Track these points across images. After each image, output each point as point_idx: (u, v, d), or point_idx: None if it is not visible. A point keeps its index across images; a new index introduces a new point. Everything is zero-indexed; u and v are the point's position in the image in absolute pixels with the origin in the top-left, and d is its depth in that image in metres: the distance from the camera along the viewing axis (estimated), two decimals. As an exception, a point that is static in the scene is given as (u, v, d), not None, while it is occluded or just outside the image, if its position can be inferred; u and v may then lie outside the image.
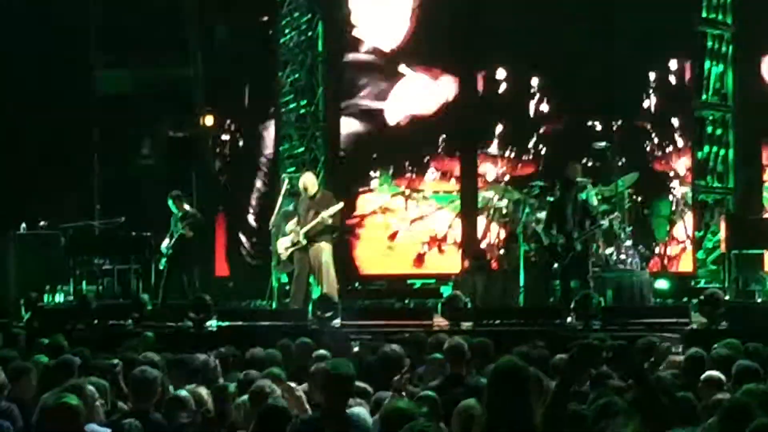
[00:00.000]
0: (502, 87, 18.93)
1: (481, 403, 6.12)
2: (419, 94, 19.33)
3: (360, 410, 7.33)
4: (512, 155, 18.91)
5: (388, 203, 19.37)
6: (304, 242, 15.65)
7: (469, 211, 18.96)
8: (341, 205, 15.78)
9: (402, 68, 19.34)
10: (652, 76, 18.39)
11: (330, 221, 15.54)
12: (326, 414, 7.05)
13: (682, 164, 18.43)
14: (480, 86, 19.06)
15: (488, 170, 19.03)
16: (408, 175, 19.33)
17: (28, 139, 19.28)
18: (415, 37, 19.29)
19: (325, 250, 15.71)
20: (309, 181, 15.97)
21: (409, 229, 19.24)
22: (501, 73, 18.91)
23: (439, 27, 19.14)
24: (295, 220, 15.90)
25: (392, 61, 19.39)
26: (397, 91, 19.43)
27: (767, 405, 6.64)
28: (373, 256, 19.29)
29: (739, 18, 18.02)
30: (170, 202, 16.77)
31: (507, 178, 18.76)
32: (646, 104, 18.48)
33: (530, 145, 18.82)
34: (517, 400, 5.70)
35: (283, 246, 15.97)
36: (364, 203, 19.47)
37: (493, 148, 18.90)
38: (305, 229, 15.59)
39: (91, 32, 19.92)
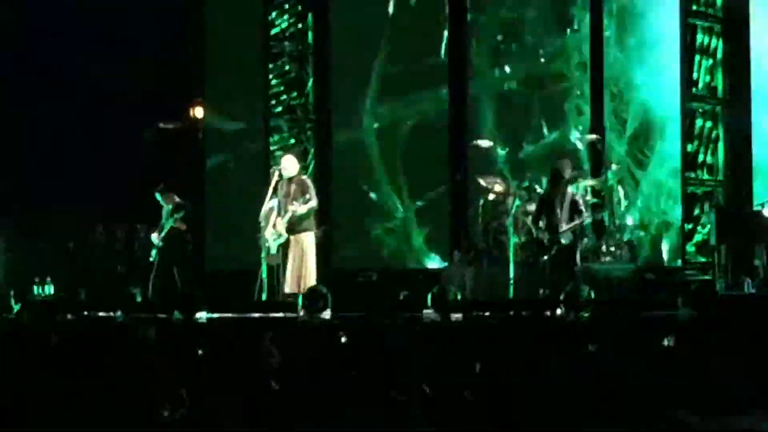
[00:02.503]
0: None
1: None
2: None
3: None
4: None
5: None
6: (286, 235, 15.57)
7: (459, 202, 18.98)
8: (314, 202, 15.47)
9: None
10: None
11: (302, 211, 15.44)
12: None
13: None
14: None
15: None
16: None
17: (16, 129, 19.23)
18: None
19: (305, 239, 15.56)
20: (288, 163, 15.80)
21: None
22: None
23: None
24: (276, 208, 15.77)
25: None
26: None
27: None
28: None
29: (728, 8, 18.02)
30: (158, 197, 16.70)
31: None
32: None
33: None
34: None
35: (271, 238, 15.85)
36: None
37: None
38: (284, 221, 15.48)
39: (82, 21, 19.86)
